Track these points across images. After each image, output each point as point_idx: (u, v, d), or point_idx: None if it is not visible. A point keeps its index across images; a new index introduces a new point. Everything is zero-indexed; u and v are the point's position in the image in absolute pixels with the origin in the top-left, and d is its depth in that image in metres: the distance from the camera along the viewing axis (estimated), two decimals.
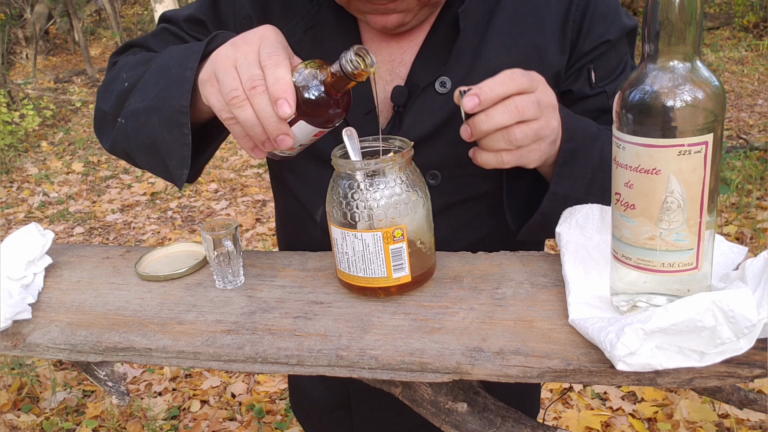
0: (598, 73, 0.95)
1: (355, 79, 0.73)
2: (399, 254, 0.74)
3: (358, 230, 0.73)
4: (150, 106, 0.83)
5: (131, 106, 0.86)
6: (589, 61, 0.94)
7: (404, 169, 0.75)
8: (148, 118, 0.84)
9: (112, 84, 0.92)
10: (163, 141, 0.84)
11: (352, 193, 0.73)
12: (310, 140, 0.81)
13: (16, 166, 5.76)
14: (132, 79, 0.88)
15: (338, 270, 0.79)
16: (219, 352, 0.71)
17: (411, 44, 0.95)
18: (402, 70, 0.95)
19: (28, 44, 9.91)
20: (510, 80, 0.75)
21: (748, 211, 3.72)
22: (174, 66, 0.83)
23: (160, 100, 0.82)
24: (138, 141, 0.88)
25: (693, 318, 0.57)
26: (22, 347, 0.77)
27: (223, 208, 4.54)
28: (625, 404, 2.42)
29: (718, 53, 7.63)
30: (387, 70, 0.95)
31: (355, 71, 0.72)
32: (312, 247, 0.97)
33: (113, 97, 0.90)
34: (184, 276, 0.89)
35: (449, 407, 0.75)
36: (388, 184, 0.73)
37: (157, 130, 0.84)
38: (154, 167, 0.91)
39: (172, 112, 0.81)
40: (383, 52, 0.96)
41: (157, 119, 0.83)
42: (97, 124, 0.97)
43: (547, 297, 0.75)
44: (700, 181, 0.60)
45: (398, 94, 0.93)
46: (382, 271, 0.74)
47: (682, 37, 0.59)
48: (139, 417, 2.60)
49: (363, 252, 0.74)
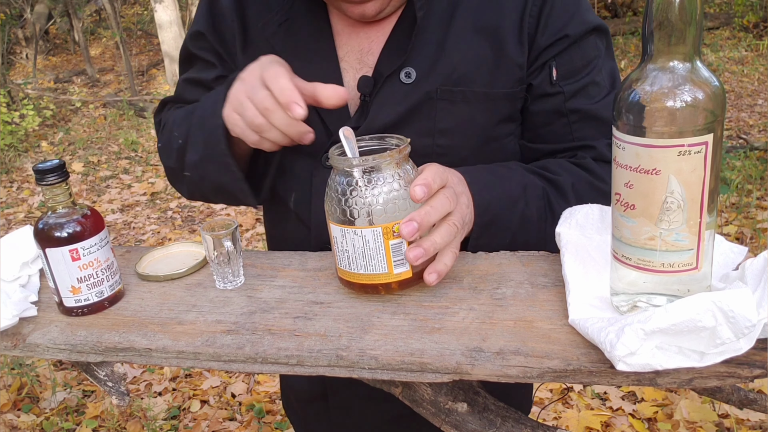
0: (560, 71, 0.94)
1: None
2: (399, 249, 0.74)
3: (358, 227, 0.73)
4: (201, 157, 0.95)
5: (189, 160, 0.97)
6: (551, 57, 0.94)
7: (401, 165, 0.75)
8: (205, 168, 0.95)
9: (169, 143, 1.02)
10: (223, 182, 0.95)
11: (350, 190, 0.73)
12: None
13: (16, 166, 5.76)
14: (182, 136, 0.98)
15: (338, 269, 0.79)
16: (219, 353, 0.71)
17: (379, 34, 0.97)
18: (370, 59, 0.96)
19: (28, 44, 9.91)
20: (446, 202, 0.76)
21: (748, 211, 3.72)
22: (208, 117, 0.93)
23: (207, 149, 0.93)
24: (206, 187, 1.00)
25: (693, 318, 0.57)
26: (22, 347, 0.77)
27: (223, 208, 4.54)
28: (625, 404, 2.42)
29: (718, 53, 7.63)
30: (356, 59, 0.97)
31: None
32: (289, 234, 1.05)
33: (174, 154, 1.00)
34: (184, 276, 0.89)
35: (449, 407, 0.75)
36: (386, 179, 0.73)
37: (215, 175, 0.95)
38: (229, 202, 1.03)
39: (219, 158, 0.92)
40: (352, 41, 0.98)
41: (211, 166, 0.94)
42: (170, 178, 1.08)
43: (547, 297, 0.75)
44: (700, 182, 0.60)
45: (364, 83, 0.95)
46: (383, 267, 0.75)
47: (682, 37, 0.59)
48: (139, 417, 2.60)
49: (363, 248, 0.74)
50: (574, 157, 0.97)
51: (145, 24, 11.49)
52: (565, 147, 0.98)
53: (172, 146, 1.00)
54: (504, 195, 0.88)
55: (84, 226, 0.78)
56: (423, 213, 0.73)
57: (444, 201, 0.76)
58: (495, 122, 0.97)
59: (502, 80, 0.94)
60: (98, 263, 0.80)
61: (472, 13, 0.93)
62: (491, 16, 0.93)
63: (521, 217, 0.88)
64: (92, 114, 7.43)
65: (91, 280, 0.79)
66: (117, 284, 0.83)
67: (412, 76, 0.93)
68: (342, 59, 0.98)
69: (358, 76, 0.96)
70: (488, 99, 0.95)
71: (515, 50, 0.93)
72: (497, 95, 0.95)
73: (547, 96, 0.96)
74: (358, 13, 0.90)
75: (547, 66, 0.94)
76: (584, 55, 0.95)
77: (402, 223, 0.72)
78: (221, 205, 4.58)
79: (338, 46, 0.98)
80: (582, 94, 0.95)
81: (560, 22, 0.93)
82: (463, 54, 0.93)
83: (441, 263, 0.76)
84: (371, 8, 0.90)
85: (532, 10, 0.92)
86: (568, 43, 0.93)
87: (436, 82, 0.93)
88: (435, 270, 0.75)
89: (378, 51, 0.96)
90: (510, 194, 0.88)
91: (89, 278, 0.79)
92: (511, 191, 0.89)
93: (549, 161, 0.97)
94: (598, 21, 0.96)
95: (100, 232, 0.80)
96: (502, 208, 0.87)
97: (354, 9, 0.90)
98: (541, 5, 0.92)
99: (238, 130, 0.86)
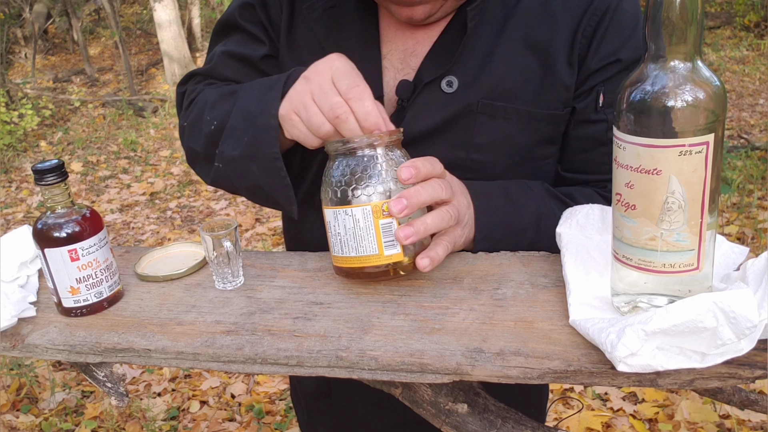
0: (608, 98, 0.91)
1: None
2: (390, 230, 0.74)
3: (348, 206, 0.74)
4: (245, 155, 0.87)
5: (226, 153, 0.89)
6: (600, 82, 0.90)
7: (392, 149, 0.76)
8: (247, 166, 0.88)
9: (198, 125, 0.94)
10: (266, 185, 0.88)
11: (341, 170, 0.75)
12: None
13: (15, 166, 5.75)
14: (217, 120, 0.91)
15: (333, 258, 0.79)
16: (218, 353, 0.71)
17: (426, 37, 0.93)
18: (413, 62, 0.94)
19: (26, 43, 9.91)
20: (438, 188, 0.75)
21: (750, 211, 3.72)
22: (257, 113, 0.86)
23: (254, 149, 0.86)
24: (242, 184, 0.92)
25: (694, 319, 0.57)
26: (21, 348, 0.77)
27: (223, 208, 4.54)
28: (626, 405, 2.42)
29: (719, 53, 7.63)
30: (399, 59, 0.94)
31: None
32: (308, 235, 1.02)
33: (202, 138, 0.93)
34: (184, 276, 0.88)
35: (449, 408, 0.75)
36: (376, 160, 0.75)
37: (257, 177, 0.88)
38: (263, 203, 0.95)
39: (267, 160, 0.85)
40: (398, 40, 0.95)
41: (255, 167, 0.87)
42: (190, 158, 1.00)
43: (547, 297, 0.75)
44: (701, 182, 0.60)
45: (403, 88, 0.92)
46: (373, 248, 0.74)
47: (683, 36, 0.58)
48: (138, 418, 2.60)
49: (354, 229, 0.74)
50: (604, 188, 0.94)
51: (144, 23, 11.48)
52: (598, 178, 0.95)
53: (201, 129, 0.93)
54: (513, 223, 0.86)
55: (83, 226, 0.78)
56: (413, 191, 0.73)
57: (436, 186, 0.75)
58: (535, 143, 0.94)
59: (548, 100, 0.91)
60: (97, 263, 0.80)
61: (524, 26, 0.90)
62: (543, 32, 0.89)
63: (529, 246, 0.87)
64: (91, 114, 7.42)
65: (90, 281, 0.79)
66: (116, 285, 0.83)
67: (454, 86, 0.90)
68: (385, 57, 0.95)
69: (399, 77, 0.93)
70: (531, 118, 0.91)
71: (564, 70, 0.89)
72: (540, 115, 0.91)
73: (589, 122, 0.92)
74: (406, 15, 0.87)
75: (595, 91, 0.91)
76: None
77: (391, 201, 0.72)
78: (221, 205, 4.58)
79: (383, 43, 0.95)
80: None
81: (613, 45, 0.89)
82: (510, 68, 0.89)
83: (434, 250, 0.75)
84: (420, 12, 0.87)
85: (585, 30, 0.88)
86: (619, 68, 0.89)
87: (478, 94, 0.90)
88: (428, 255, 0.74)
89: (423, 54, 0.93)
90: (519, 223, 0.87)
91: (88, 279, 0.79)
92: (522, 219, 0.87)
93: (576, 189, 0.94)
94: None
95: (99, 232, 0.80)
96: (507, 235, 0.86)
97: (402, 11, 0.87)
98: (596, 26, 0.88)
99: (297, 132, 0.81)
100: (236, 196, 4.64)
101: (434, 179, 0.76)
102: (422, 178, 0.74)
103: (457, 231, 0.81)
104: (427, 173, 0.75)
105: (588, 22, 0.88)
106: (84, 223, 0.78)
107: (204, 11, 9.87)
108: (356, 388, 0.90)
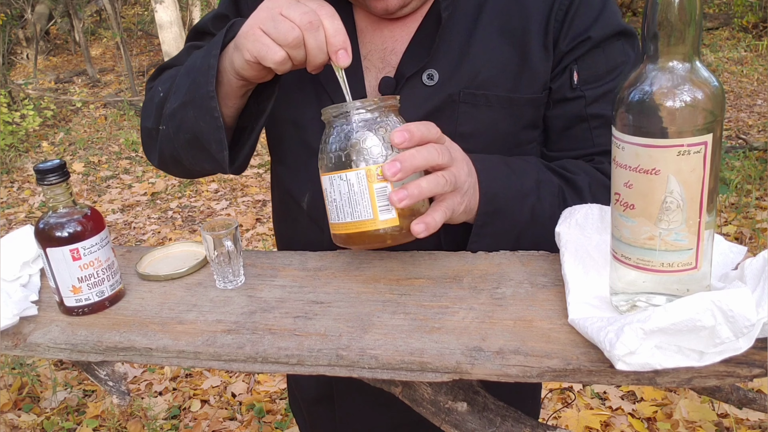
0: (582, 75, 0.92)
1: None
2: (384, 194, 0.73)
3: (343, 170, 0.74)
4: (183, 101, 0.86)
5: (168, 109, 0.90)
6: (573, 60, 0.92)
7: (387, 114, 0.76)
8: (185, 114, 0.87)
9: (150, 101, 0.94)
10: (201, 131, 0.86)
11: (336, 135, 0.75)
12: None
13: (17, 166, 5.76)
14: (166, 89, 0.91)
15: (330, 226, 0.78)
16: (219, 352, 0.72)
17: (403, 33, 0.95)
18: (393, 59, 0.95)
19: (28, 44, 9.91)
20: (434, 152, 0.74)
21: (748, 211, 3.72)
22: (199, 60, 0.86)
23: (191, 93, 0.85)
24: (180, 139, 0.90)
25: (692, 317, 0.57)
26: (22, 347, 0.77)
27: (224, 208, 4.54)
28: (625, 404, 2.42)
29: (717, 53, 7.63)
30: (379, 58, 0.96)
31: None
32: (300, 235, 1.02)
33: (153, 110, 0.93)
34: (185, 276, 0.89)
35: (449, 407, 0.75)
36: (371, 125, 0.74)
37: (194, 122, 0.86)
38: (199, 159, 0.93)
39: (202, 100, 0.84)
40: (375, 40, 0.96)
41: (191, 112, 0.86)
42: (144, 144, 1.00)
43: (546, 296, 0.75)
44: (699, 181, 0.60)
45: (385, 85, 0.94)
46: (368, 213, 0.73)
47: (682, 37, 0.59)
48: (139, 416, 2.60)
49: (349, 194, 0.74)
50: (591, 161, 0.95)
51: (145, 24, 11.49)
52: (584, 153, 0.96)
53: (153, 103, 0.93)
54: (514, 187, 0.86)
55: (85, 225, 0.79)
56: (407, 154, 0.72)
57: (432, 150, 0.74)
58: (518, 128, 0.95)
59: (527, 85, 0.92)
60: (99, 263, 0.80)
61: (498, 16, 0.91)
62: (517, 20, 0.91)
63: (531, 211, 0.87)
64: (93, 114, 7.43)
65: (91, 280, 0.80)
66: (117, 284, 0.83)
67: (435, 78, 0.91)
68: (365, 58, 0.96)
69: (380, 76, 0.95)
70: (512, 104, 0.93)
71: (540, 55, 0.91)
72: (521, 100, 0.93)
73: (566, 100, 0.94)
74: (381, 7, 0.89)
75: (568, 69, 0.92)
76: (609, 60, 0.92)
77: (385, 164, 0.71)
78: (222, 205, 4.58)
79: (361, 44, 0.96)
80: (605, 100, 0.92)
81: (583, 24, 0.91)
82: (488, 57, 0.91)
83: (430, 216, 0.73)
84: (394, 3, 0.88)
85: (557, 15, 0.90)
86: (590, 45, 0.91)
87: (459, 85, 0.91)
88: (423, 221, 0.72)
89: (401, 51, 0.94)
90: (521, 187, 0.87)
91: (90, 278, 0.79)
92: (522, 184, 0.87)
93: (568, 161, 0.95)
94: (625, 25, 0.93)
95: (100, 231, 0.80)
96: (510, 199, 0.85)
97: (377, 4, 0.88)
98: (567, 9, 0.90)
99: (259, 46, 0.78)
100: (235, 196, 4.66)
101: (431, 144, 0.74)
102: (417, 143, 0.73)
103: (456, 198, 0.79)
104: (422, 137, 0.73)
105: (559, 7, 0.91)
106: (86, 223, 0.79)
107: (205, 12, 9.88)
108: (359, 390, 0.90)
